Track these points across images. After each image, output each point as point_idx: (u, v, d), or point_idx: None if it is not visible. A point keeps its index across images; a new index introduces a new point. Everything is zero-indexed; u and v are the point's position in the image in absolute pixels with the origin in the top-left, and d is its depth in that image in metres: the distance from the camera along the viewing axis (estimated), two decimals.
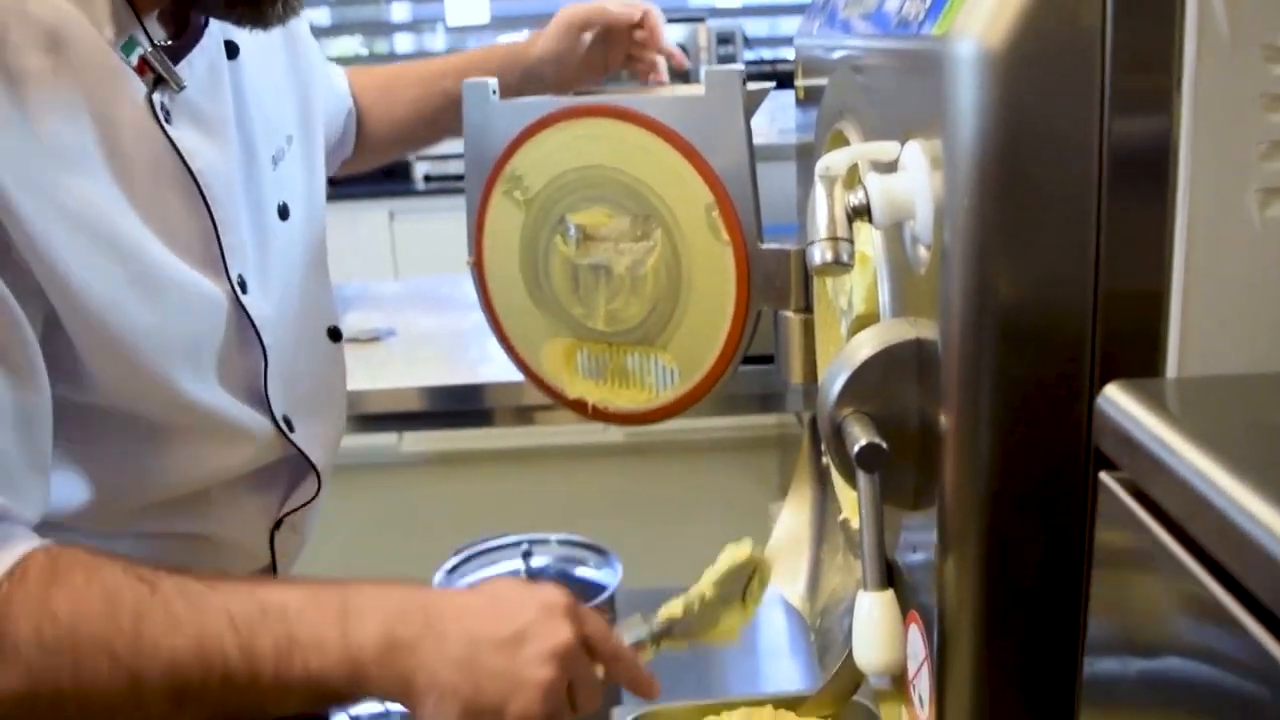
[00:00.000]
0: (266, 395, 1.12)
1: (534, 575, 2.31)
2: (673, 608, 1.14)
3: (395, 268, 4.47)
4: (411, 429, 3.33)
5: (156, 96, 0.97)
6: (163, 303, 0.97)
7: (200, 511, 1.09)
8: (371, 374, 2.10)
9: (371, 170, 1.66)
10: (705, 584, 1.15)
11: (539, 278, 1.34)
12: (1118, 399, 0.57)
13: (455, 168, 4.33)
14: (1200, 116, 0.67)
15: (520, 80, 1.50)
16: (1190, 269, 0.69)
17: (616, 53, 1.54)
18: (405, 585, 0.92)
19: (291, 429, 1.16)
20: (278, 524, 1.20)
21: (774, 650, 2.65)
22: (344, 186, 4.66)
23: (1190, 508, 0.49)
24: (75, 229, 0.89)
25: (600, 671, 0.99)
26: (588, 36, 1.51)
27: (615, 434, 4.24)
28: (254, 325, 1.09)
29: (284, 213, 1.16)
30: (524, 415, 2.02)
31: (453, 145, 1.53)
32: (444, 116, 1.57)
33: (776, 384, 1.96)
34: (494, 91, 1.31)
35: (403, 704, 0.88)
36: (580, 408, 1.39)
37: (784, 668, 2.55)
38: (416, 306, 2.46)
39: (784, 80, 1.39)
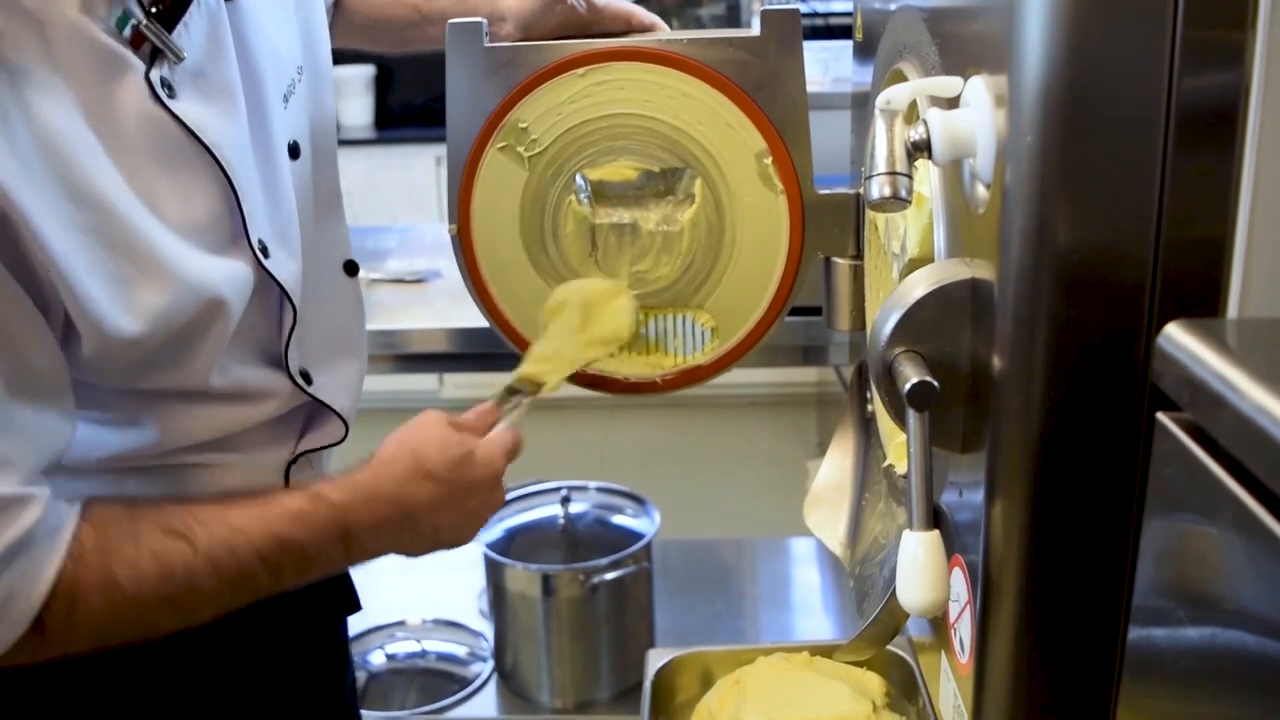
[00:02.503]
0: (285, 356, 1.11)
1: (572, 521, 2.33)
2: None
3: (441, 212, 4.47)
4: (452, 370, 3.34)
5: (155, 73, 0.93)
6: (177, 296, 0.95)
7: (214, 452, 1.09)
8: (415, 314, 2.11)
9: (420, 116, 1.59)
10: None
11: (545, 243, 1.23)
12: (1179, 337, 0.56)
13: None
14: (1273, 65, 0.65)
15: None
16: (1255, 216, 0.67)
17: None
18: (373, 493, 1.07)
19: (309, 381, 1.15)
20: (294, 460, 1.18)
21: (806, 605, 2.67)
22: (391, 130, 4.66)
23: (1253, 445, 0.48)
24: (85, 230, 0.88)
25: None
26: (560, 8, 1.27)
27: None
28: (281, 288, 1.07)
29: (294, 151, 1.12)
30: None
31: None
32: (411, 33, 1.46)
33: (820, 336, 1.95)
34: (486, 34, 1.19)
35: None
36: (596, 383, 1.29)
37: (816, 622, 2.56)
38: None
39: (836, 30, 1.37)
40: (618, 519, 2.35)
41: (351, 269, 1.25)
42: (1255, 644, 0.51)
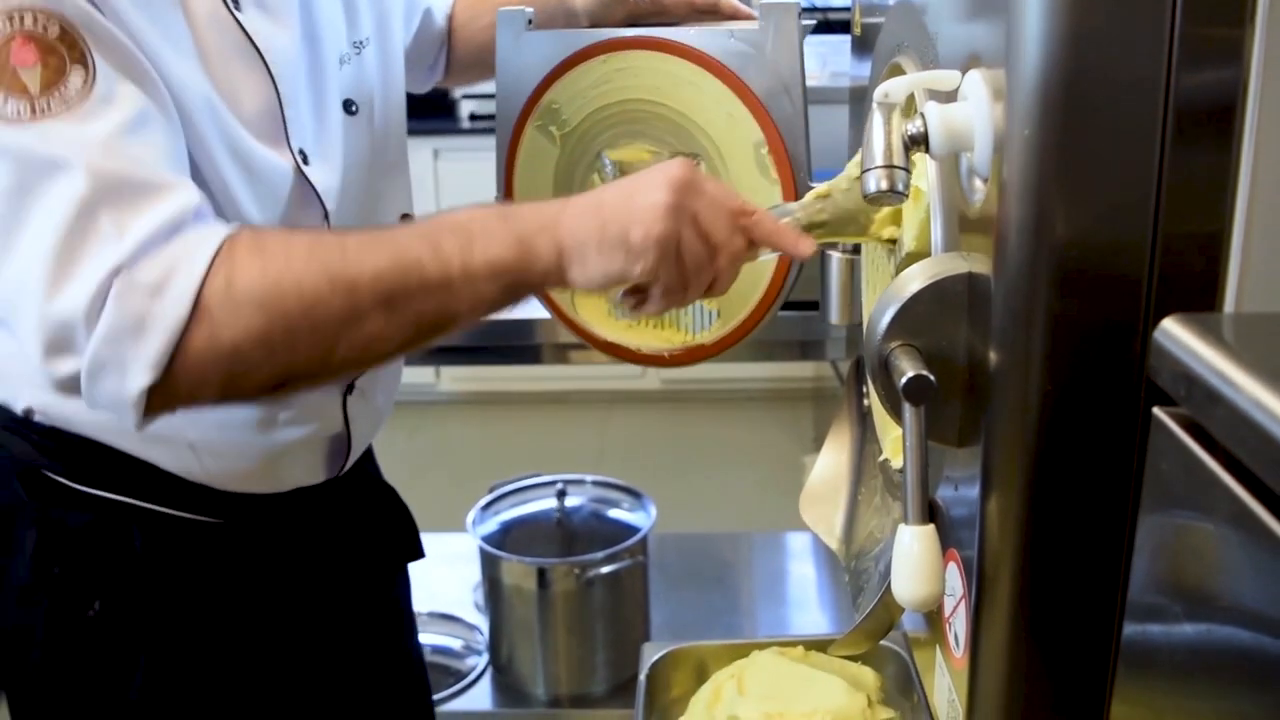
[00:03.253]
0: None
1: (568, 514, 2.33)
2: (817, 190, 1.02)
3: (438, 206, 4.46)
4: (450, 363, 3.33)
5: None
6: (239, 173, 1.04)
7: None
8: None
9: (418, 108, 1.63)
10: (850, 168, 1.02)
11: None
12: (1176, 332, 0.56)
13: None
14: (1271, 61, 0.65)
15: (562, 20, 1.45)
16: (1253, 211, 0.67)
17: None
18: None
19: None
20: (349, 389, 1.23)
21: (802, 599, 2.67)
22: None
23: (1249, 440, 0.48)
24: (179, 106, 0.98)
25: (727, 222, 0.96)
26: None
27: (651, 380, 4.24)
28: (317, 193, 1.13)
29: (350, 108, 1.19)
30: (564, 352, 2.02)
31: None
32: None
33: (817, 331, 1.95)
34: (529, 21, 1.28)
35: (563, 276, 0.97)
36: (611, 349, 1.38)
37: (811, 617, 2.56)
38: None
39: (835, 25, 1.37)
40: (614, 513, 2.35)
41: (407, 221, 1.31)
42: (1250, 639, 0.51)
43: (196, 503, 1.14)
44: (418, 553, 1.38)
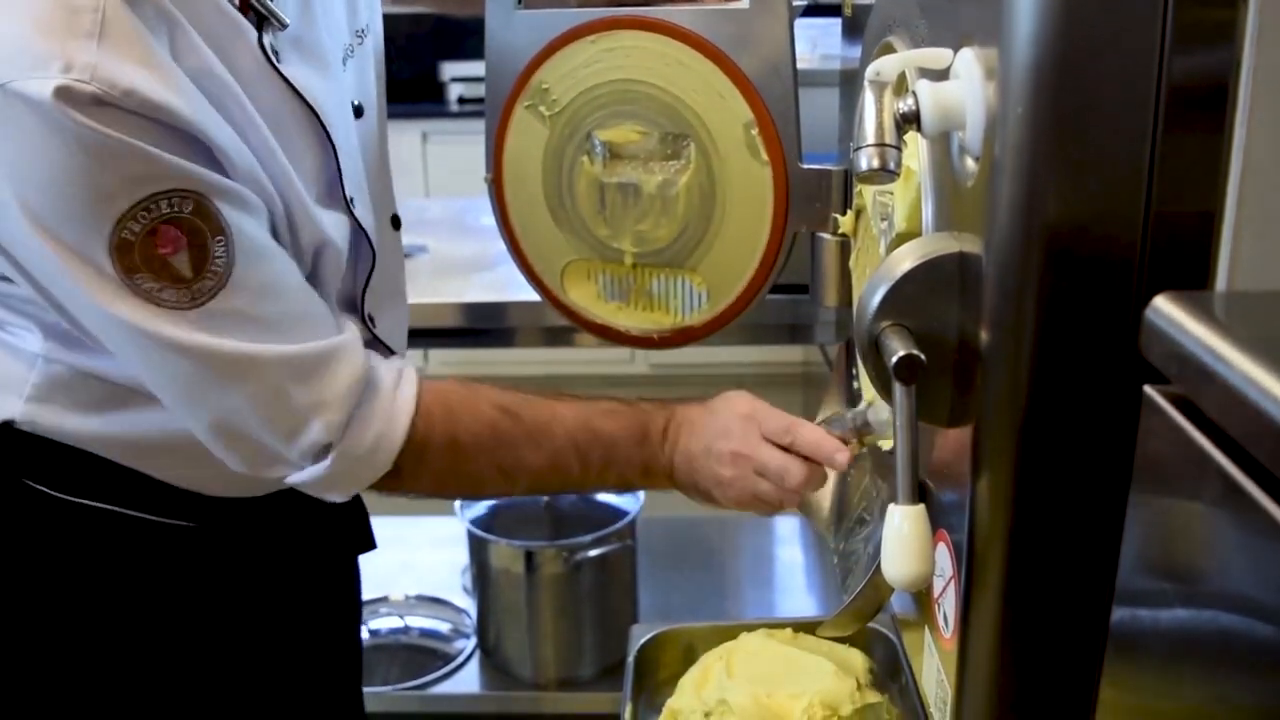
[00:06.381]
0: (363, 297, 1.18)
1: (556, 497, 2.32)
2: (868, 395, 1.11)
3: (427, 189, 4.45)
4: (439, 346, 3.33)
5: (266, 38, 0.99)
6: (318, 244, 1.07)
7: None
8: None
9: (405, 91, 1.62)
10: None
11: (562, 197, 1.31)
12: (1168, 310, 0.56)
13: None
14: (1264, 41, 0.65)
15: None
16: (1245, 190, 0.67)
17: None
18: (669, 411, 1.18)
19: (374, 324, 1.21)
20: None
21: (788, 582, 2.67)
22: None
23: (1242, 417, 0.48)
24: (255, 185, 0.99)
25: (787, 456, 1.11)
26: None
27: (640, 364, 4.24)
28: (367, 236, 1.14)
29: (358, 111, 1.18)
30: (552, 335, 2.01)
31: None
32: None
33: (806, 314, 1.95)
34: (519, 1, 1.27)
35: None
36: (601, 331, 1.37)
37: (797, 600, 2.56)
38: (448, 226, 2.45)
39: (825, 8, 1.36)
40: (602, 496, 2.34)
41: (396, 223, 1.31)
42: (1241, 620, 0.51)
43: (173, 507, 1.13)
44: (369, 543, 1.39)
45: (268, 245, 0.99)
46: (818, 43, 1.79)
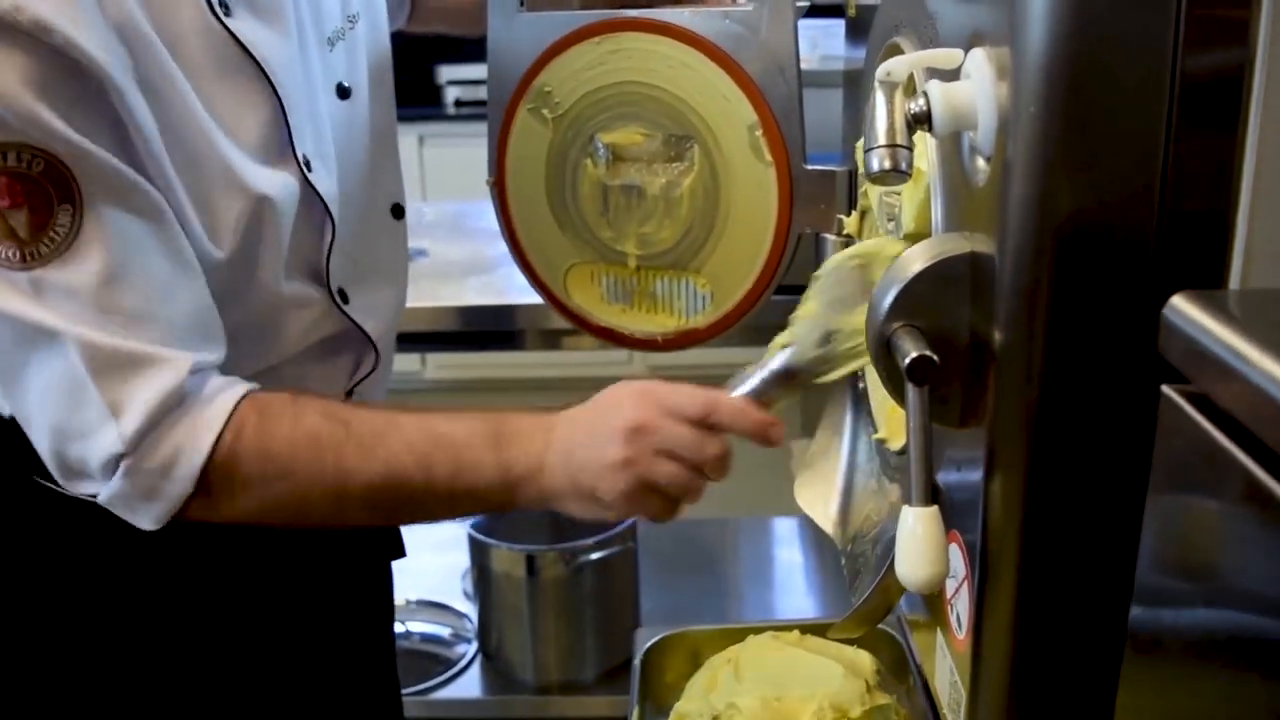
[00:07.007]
0: (327, 268, 1.15)
1: None
2: (778, 339, 1.00)
3: (424, 192, 4.44)
4: (439, 349, 3.32)
5: None
6: (245, 205, 1.02)
7: (269, 383, 1.10)
8: None
9: (402, 94, 1.61)
10: (807, 299, 0.99)
11: (565, 199, 1.31)
12: (1186, 309, 0.56)
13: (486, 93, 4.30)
14: (1277, 40, 0.65)
15: (555, 1, 1.44)
16: (1258, 189, 0.67)
17: None
18: (537, 414, 1.05)
19: (346, 300, 1.18)
20: (348, 394, 1.23)
21: (790, 584, 2.67)
22: None
23: (1264, 414, 0.48)
24: (171, 145, 0.96)
25: (692, 433, 1.00)
26: None
27: (638, 366, 4.23)
28: (323, 201, 1.11)
29: (343, 92, 1.17)
30: (550, 339, 2.01)
31: (485, 69, 1.48)
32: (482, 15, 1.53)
33: None
34: (521, 3, 1.26)
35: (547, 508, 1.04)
36: (605, 334, 1.37)
37: (799, 601, 2.56)
38: (447, 229, 2.45)
39: (827, 9, 1.36)
40: None
41: (398, 212, 1.29)
42: (1264, 620, 0.50)
43: None
44: (399, 550, 1.38)
45: (142, 235, 0.94)
46: (819, 43, 1.79)
